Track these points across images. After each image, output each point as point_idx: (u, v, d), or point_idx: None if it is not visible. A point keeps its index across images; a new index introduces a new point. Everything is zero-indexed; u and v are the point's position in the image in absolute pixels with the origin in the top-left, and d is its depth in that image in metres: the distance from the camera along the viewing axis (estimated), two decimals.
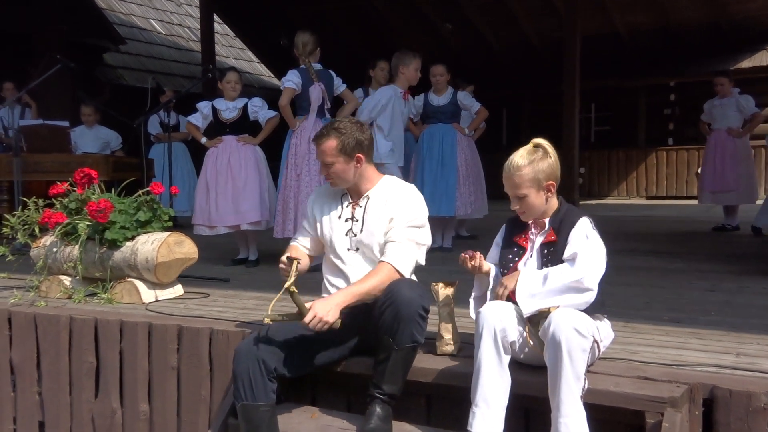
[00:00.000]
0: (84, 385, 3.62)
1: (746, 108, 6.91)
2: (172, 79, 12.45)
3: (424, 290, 2.70)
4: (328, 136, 2.86)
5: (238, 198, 5.37)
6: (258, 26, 14.23)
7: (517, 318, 2.49)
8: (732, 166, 6.85)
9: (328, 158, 2.86)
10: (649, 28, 11.69)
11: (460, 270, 2.75)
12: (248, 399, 2.62)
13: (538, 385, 2.49)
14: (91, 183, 4.29)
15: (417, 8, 12.45)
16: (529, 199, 2.53)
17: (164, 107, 7.25)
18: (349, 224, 2.92)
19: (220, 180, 5.42)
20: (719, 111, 7.00)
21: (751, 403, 2.31)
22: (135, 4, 14.19)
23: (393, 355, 2.60)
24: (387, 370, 2.62)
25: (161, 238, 4.04)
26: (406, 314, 2.57)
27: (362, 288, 2.74)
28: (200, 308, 3.84)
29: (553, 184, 2.57)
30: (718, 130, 7.00)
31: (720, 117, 6.99)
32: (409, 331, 2.58)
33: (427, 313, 2.67)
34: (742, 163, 6.91)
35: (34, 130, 6.45)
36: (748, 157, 7.06)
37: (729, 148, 6.89)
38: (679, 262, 5.16)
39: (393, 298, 2.60)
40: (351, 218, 2.92)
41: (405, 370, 2.67)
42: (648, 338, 3.00)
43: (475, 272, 2.67)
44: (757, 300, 3.75)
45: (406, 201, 2.87)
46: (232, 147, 5.48)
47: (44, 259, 4.26)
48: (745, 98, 6.95)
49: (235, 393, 2.66)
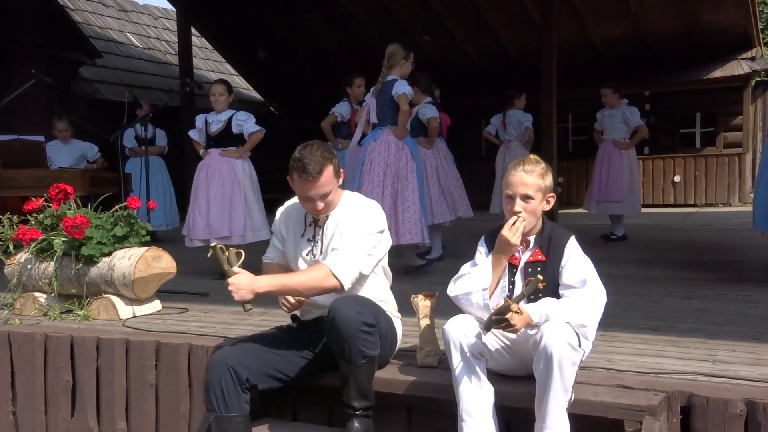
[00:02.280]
0: (60, 403, 3.56)
1: (631, 120, 7.07)
2: (150, 92, 12.37)
3: (364, 304, 2.63)
4: (326, 165, 2.67)
5: (210, 212, 5.35)
6: (236, 39, 14.21)
7: (480, 329, 2.48)
8: (617, 177, 6.98)
9: (327, 188, 2.71)
10: (624, 38, 11.85)
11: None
12: (221, 410, 2.59)
13: (519, 396, 2.50)
14: (66, 198, 4.24)
15: (396, 18, 12.51)
16: (534, 203, 2.53)
17: (141, 121, 7.19)
18: (310, 245, 2.85)
19: (199, 193, 5.44)
20: (608, 121, 7.16)
21: (727, 410, 2.34)
22: (111, 18, 14.11)
23: (352, 373, 2.59)
24: (351, 387, 2.61)
25: (139, 253, 4.00)
26: (348, 334, 2.53)
27: (290, 281, 2.69)
28: (179, 323, 3.80)
29: (554, 197, 2.60)
30: (606, 141, 7.16)
31: (609, 128, 7.16)
32: (357, 348, 2.55)
33: (372, 326, 2.58)
34: (626, 175, 7.04)
35: (9, 145, 6.37)
36: (632, 168, 7.17)
37: (615, 159, 7.03)
38: (657, 269, 5.22)
39: (332, 320, 2.55)
40: (312, 239, 2.85)
41: (369, 382, 2.65)
42: (626, 347, 3.02)
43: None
44: (732, 307, 3.80)
45: (358, 212, 2.79)
46: (213, 160, 5.47)
47: (19, 276, 4.20)
48: (631, 110, 7.09)
49: (208, 404, 2.63)
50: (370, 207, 2.84)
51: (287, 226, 2.94)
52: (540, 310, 2.40)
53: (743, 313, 3.63)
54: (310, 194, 2.69)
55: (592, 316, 2.45)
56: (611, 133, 7.12)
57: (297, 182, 2.71)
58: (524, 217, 2.51)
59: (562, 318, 2.38)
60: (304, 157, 2.67)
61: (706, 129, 12.28)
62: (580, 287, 2.47)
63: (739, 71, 11.49)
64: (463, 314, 2.54)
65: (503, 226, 2.53)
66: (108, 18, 14.00)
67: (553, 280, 2.49)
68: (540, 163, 2.58)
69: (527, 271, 2.55)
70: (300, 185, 2.70)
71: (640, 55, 11.98)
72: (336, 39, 13.59)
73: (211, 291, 4.80)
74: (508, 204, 2.55)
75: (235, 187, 5.42)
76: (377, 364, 2.68)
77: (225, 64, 15.67)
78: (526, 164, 2.56)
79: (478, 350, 2.45)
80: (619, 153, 7.06)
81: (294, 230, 2.91)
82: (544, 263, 2.53)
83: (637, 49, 11.98)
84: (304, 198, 2.74)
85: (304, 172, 2.66)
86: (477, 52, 13.01)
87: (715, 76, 11.56)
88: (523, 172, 2.54)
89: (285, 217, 2.97)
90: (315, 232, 2.85)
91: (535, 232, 2.60)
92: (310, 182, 2.67)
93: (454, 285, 2.59)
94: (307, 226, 2.88)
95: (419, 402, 2.74)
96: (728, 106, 11.98)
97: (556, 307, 2.41)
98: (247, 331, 3.48)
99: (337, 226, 2.79)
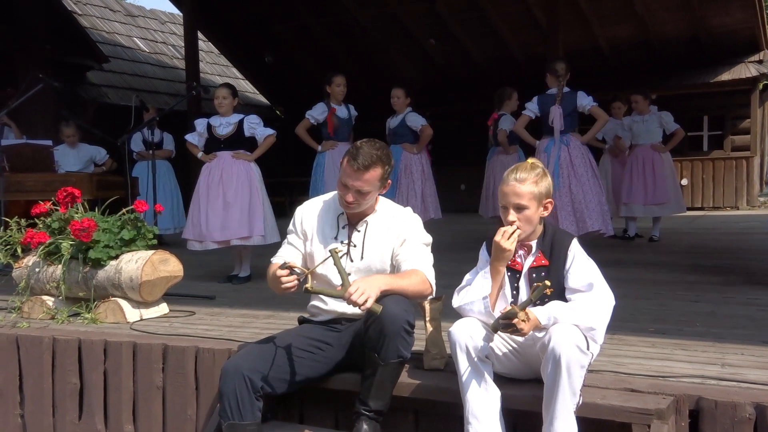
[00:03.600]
0: (67, 406, 3.57)
1: (668, 124, 7.34)
2: (157, 96, 12.43)
3: (409, 305, 2.66)
4: (376, 165, 2.67)
5: (227, 214, 5.36)
6: (242, 43, 14.27)
7: (486, 332, 2.48)
8: (662, 179, 7.20)
9: (367, 187, 2.69)
10: (630, 42, 11.84)
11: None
12: (234, 418, 2.59)
13: (526, 399, 2.49)
14: (74, 202, 4.26)
15: (401, 23, 12.53)
16: (528, 212, 2.51)
17: (148, 125, 7.22)
18: (345, 248, 2.80)
19: (211, 195, 5.43)
20: (641, 127, 7.34)
21: (736, 414, 2.32)
22: (118, 23, 14.19)
23: (379, 370, 2.59)
24: (373, 386, 2.60)
25: (146, 256, 4.01)
26: (391, 330, 2.55)
27: (401, 282, 2.65)
28: (186, 326, 3.81)
29: (551, 202, 2.58)
30: (642, 146, 7.33)
31: (643, 133, 7.34)
32: (395, 346, 2.56)
33: (413, 328, 2.63)
34: (669, 177, 7.31)
35: (17, 150, 6.41)
36: (673, 169, 7.54)
37: (657, 162, 7.24)
38: (664, 273, 5.19)
39: (380, 314, 2.57)
40: (348, 242, 2.81)
41: (392, 385, 2.65)
42: (634, 350, 3.01)
43: None
44: (741, 310, 3.78)
45: (413, 222, 2.82)
46: (225, 162, 5.48)
47: (27, 279, 4.21)
48: (666, 115, 7.36)
49: (221, 412, 2.63)
50: (417, 217, 2.86)
51: (313, 225, 2.87)
52: (548, 313, 2.39)
53: (752, 317, 3.61)
54: (349, 183, 2.69)
55: (601, 320, 2.44)
56: (646, 138, 7.31)
57: (345, 166, 2.71)
58: (519, 225, 2.49)
59: (570, 321, 2.37)
60: (362, 147, 2.70)
61: (713, 132, 12.25)
62: (587, 291, 2.46)
63: (746, 74, 11.45)
64: (469, 317, 2.54)
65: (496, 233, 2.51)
66: (115, 23, 14.09)
67: (557, 285, 2.48)
68: (535, 169, 2.55)
69: (531, 277, 2.53)
70: (344, 170, 2.70)
71: (646, 58, 11.96)
72: (341, 44, 13.63)
73: (217, 294, 4.81)
74: (504, 214, 2.54)
75: (253, 188, 5.45)
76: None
77: (231, 68, 15.73)
78: (519, 172, 2.53)
79: (484, 353, 2.44)
80: (659, 156, 7.27)
81: (323, 230, 2.85)
82: (548, 267, 2.52)
83: (644, 52, 11.96)
84: (342, 184, 2.73)
85: (354, 159, 2.67)
86: (483, 56, 13.01)
87: (723, 79, 11.52)
88: (515, 181, 2.51)
89: (310, 216, 2.90)
90: (352, 236, 2.82)
91: (536, 237, 2.58)
92: (354, 171, 2.67)
93: (457, 296, 2.60)
94: (341, 229, 2.84)
95: (426, 405, 2.73)
96: (736, 110, 11.96)
97: (564, 311, 2.40)
98: (254, 334, 3.48)
99: (385, 235, 2.78)
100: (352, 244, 2.81)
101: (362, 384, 2.65)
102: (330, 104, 6.16)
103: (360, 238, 2.80)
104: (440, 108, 11.94)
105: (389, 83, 6.88)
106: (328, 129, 6.15)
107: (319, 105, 6.19)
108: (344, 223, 2.84)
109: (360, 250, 2.79)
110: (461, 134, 12.41)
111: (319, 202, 2.95)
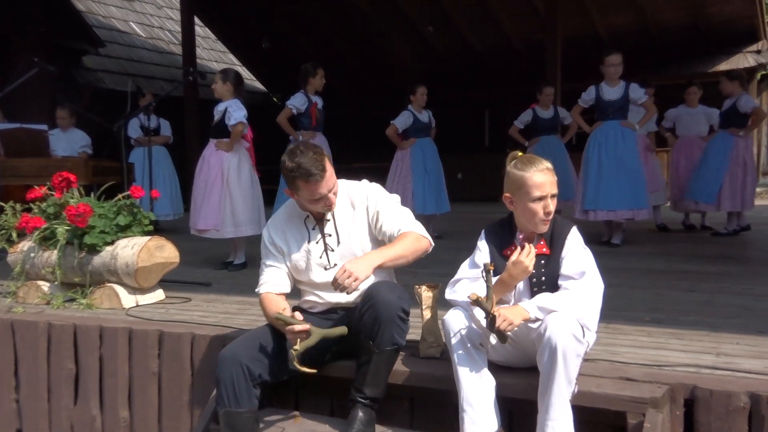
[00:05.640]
0: (63, 391, 3.57)
1: (746, 105, 6.84)
2: (153, 82, 12.35)
3: (403, 292, 2.66)
4: (324, 162, 2.62)
5: (199, 203, 5.34)
6: (239, 29, 14.17)
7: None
8: (752, 170, 6.92)
9: (332, 182, 2.68)
10: (629, 29, 11.80)
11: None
12: (231, 405, 2.60)
13: (521, 387, 2.50)
14: (69, 187, 4.24)
15: (400, 10, 12.46)
16: (555, 200, 2.52)
17: (144, 110, 7.18)
18: (321, 245, 2.79)
19: (197, 183, 5.43)
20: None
21: (731, 403, 2.33)
22: (114, 7, 14.06)
23: (374, 358, 2.59)
24: (368, 373, 2.61)
25: (141, 242, 4.00)
26: (386, 317, 2.55)
27: (396, 249, 2.64)
28: (181, 313, 3.80)
29: (556, 194, 2.58)
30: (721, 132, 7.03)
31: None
32: (390, 333, 2.57)
33: (407, 315, 2.64)
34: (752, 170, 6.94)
35: (12, 134, 6.36)
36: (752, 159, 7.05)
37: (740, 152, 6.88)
38: (660, 262, 5.20)
39: (372, 300, 2.58)
40: (322, 236, 2.79)
41: (387, 373, 2.66)
42: (629, 339, 3.02)
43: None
44: (736, 300, 3.79)
45: (375, 191, 2.81)
46: (209, 151, 5.43)
47: (22, 264, 4.20)
48: (746, 98, 6.92)
49: (218, 399, 2.64)
50: (376, 185, 2.86)
51: (283, 239, 2.83)
52: (536, 305, 2.40)
53: (747, 306, 3.62)
54: (322, 193, 2.65)
55: (590, 308, 2.43)
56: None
57: (304, 188, 2.64)
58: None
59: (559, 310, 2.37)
60: (302, 164, 2.59)
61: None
62: (579, 278, 2.46)
63: (744, 64, 11.43)
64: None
65: (511, 248, 2.50)
66: (111, 7, 13.96)
67: (556, 273, 2.49)
68: (544, 161, 2.56)
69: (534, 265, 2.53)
70: (308, 189, 2.64)
71: (645, 46, 11.92)
72: (340, 30, 13.55)
73: (213, 281, 4.81)
74: (539, 205, 2.47)
75: (218, 180, 5.29)
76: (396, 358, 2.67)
77: (228, 54, 15.62)
78: (541, 162, 2.52)
79: (478, 340, 2.45)
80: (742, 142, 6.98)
81: (295, 239, 2.82)
82: (548, 256, 2.52)
83: (643, 40, 11.92)
84: (314, 200, 2.68)
85: (310, 176, 2.59)
86: (481, 44, 12.95)
87: (721, 68, 11.48)
88: (546, 170, 2.50)
89: (277, 232, 2.86)
90: (324, 229, 2.80)
91: None
92: (318, 183, 2.62)
93: (451, 289, 2.58)
94: (311, 231, 2.82)
95: (422, 392, 2.74)
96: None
97: (552, 301, 2.40)
98: (250, 321, 3.48)
99: (353, 213, 2.78)
100: (327, 235, 2.80)
101: (357, 371, 2.65)
102: (310, 97, 6.19)
103: (331, 226, 2.80)
104: (438, 96, 11.90)
105: (388, 70, 6.87)
106: (311, 121, 6.20)
107: (299, 95, 6.21)
108: (312, 224, 2.82)
109: (335, 237, 2.79)
110: (458, 122, 12.38)
111: (280, 216, 2.90)
